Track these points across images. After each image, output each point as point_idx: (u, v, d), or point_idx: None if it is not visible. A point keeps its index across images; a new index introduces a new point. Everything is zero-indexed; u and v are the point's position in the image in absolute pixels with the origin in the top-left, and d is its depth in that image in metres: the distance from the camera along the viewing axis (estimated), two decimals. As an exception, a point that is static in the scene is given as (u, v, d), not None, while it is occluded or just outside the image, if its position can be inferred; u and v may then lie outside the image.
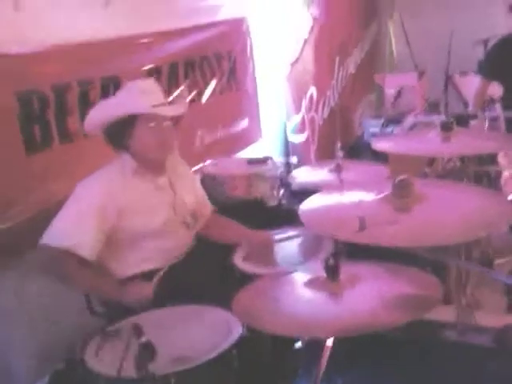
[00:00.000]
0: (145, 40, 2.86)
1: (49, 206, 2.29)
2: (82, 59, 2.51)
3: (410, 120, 2.28)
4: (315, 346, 1.62)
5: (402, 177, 1.34)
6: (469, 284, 2.75)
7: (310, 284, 1.45)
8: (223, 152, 3.42)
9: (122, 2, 2.65)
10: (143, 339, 1.24)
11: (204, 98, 3.35)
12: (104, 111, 2.09)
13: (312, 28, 4.53)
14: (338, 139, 2.28)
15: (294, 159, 4.14)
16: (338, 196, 1.55)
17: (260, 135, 3.97)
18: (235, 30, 3.66)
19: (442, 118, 2.04)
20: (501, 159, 3.43)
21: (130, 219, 2.05)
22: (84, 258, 1.96)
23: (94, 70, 2.56)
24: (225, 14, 3.53)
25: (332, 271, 1.41)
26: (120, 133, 2.08)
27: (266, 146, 4.04)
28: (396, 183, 1.34)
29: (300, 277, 1.53)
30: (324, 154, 4.43)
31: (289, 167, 3.01)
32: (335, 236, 1.51)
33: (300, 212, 1.48)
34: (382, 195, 1.37)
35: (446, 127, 1.85)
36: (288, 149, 4.25)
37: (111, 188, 2.04)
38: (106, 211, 2.00)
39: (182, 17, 3.13)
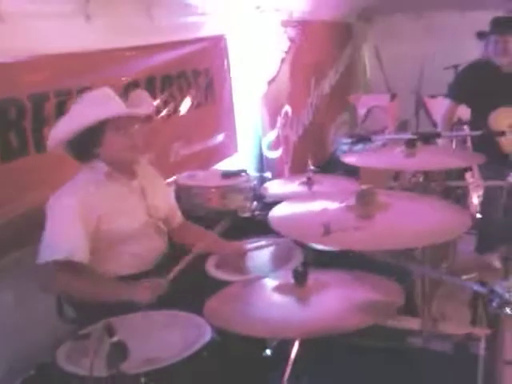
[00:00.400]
0: (123, 53, 2.92)
1: (22, 214, 2.32)
2: (61, 70, 2.55)
3: (379, 138, 2.38)
4: (283, 352, 1.66)
5: (365, 186, 1.42)
6: (434, 298, 2.84)
7: (279, 289, 1.51)
8: (199, 165, 3.47)
9: (103, 16, 2.71)
10: (115, 338, 1.27)
11: (180, 112, 3.41)
12: (69, 124, 2.08)
13: (289, 48, 4.64)
14: (310, 154, 2.35)
15: (268, 174, 4.21)
16: (304, 204, 1.61)
17: (236, 149, 4.04)
18: (213, 47, 3.74)
19: (408, 136, 2.15)
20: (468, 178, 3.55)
21: (109, 223, 2.08)
22: (81, 263, 1.99)
23: (72, 81, 2.59)
24: (204, 32, 3.61)
25: (300, 277, 1.47)
26: (87, 143, 2.11)
27: (242, 161, 4.11)
28: (359, 192, 1.42)
29: (270, 283, 1.59)
30: (298, 171, 4.52)
31: (263, 180, 3.07)
32: (302, 240, 1.58)
33: (269, 218, 1.54)
34: (345, 203, 1.45)
35: (410, 144, 1.95)
36: (263, 164, 4.33)
37: (87, 195, 2.08)
38: (87, 217, 2.04)
39: (161, 32, 3.20)
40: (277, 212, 1.57)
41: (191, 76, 3.50)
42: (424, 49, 5.94)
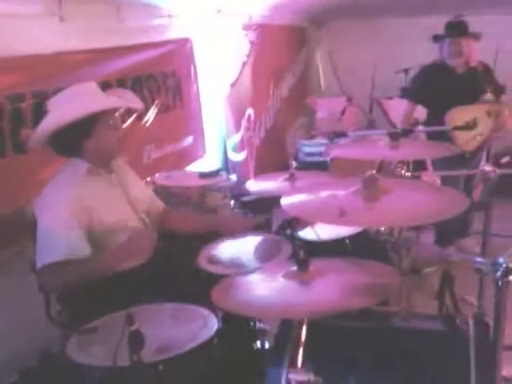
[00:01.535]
0: (95, 54, 2.92)
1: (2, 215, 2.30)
2: (37, 71, 2.53)
3: (355, 133, 2.50)
4: (283, 340, 1.72)
5: (369, 173, 1.51)
6: (403, 289, 2.96)
7: (281, 275, 1.57)
8: (169, 168, 3.48)
9: (76, 18, 2.70)
10: (134, 327, 1.30)
11: (151, 115, 3.42)
12: (61, 116, 2.06)
13: (250, 51, 4.73)
14: (291, 153, 2.42)
15: (233, 177, 4.27)
16: (310, 194, 1.69)
17: (204, 152, 4.08)
18: (180, 50, 3.77)
19: (384, 131, 2.27)
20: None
21: (98, 217, 2.09)
22: (85, 256, 1.99)
23: (48, 82, 2.58)
24: (170, 34, 3.64)
25: (302, 262, 1.54)
26: (76, 135, 2.10)
27: (208, 163, 4.15)
28: (365, 178, 1.51)
29: (271, 270, 1.65)
30: (262, 172, 4.59)
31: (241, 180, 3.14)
32: (322, 221, 1.67)
33: (283, 206, 1.61)
34: (352, 189, 1.53)
35: (394, 137, 2.07)
36: (228, 166, 4.38)
37: (74, 192, 2.07)
38: (78, 213, 2.03)
39: (130, 34, 3.21)
40: (287, 200, 1.64)
41: (160, 78, 3.53)
42: (375, 53, 6.14)
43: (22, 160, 2.45)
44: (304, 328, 1.51)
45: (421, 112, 4.13)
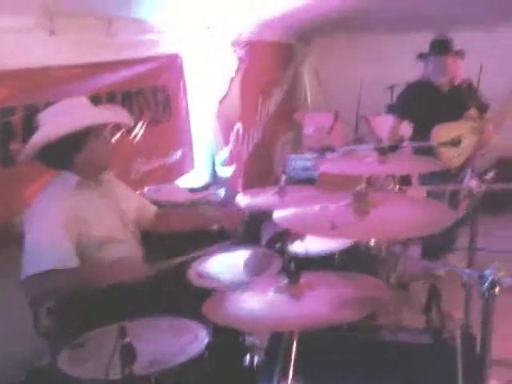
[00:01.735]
0: (86, 69, 2.93)
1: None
2: (28, 84, 2.54)
3: (343, 148, 2.55)
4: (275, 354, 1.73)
5: (359, 187, 1.54)
6: (391, 303, 2.99)
7: (272, 289, 1.58)
8: (158, 182, 3.50)
9: (66, 32, 2.72)
10: (126, 340, 1.30)
11: (140, 129, 3.44)
12: (53, 130, 2.07)
13: (238, 68, 4.77)
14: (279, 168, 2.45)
15: (221, 191, 4.28)
16: (302, 208, 1.71)
17: (192, 166, 4.10)
18: (170, 65, 3.80)
19: (371, 146, 2.32)
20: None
21: (87, 229, 2.10)
22: (73, 268, 1.98)
23: (38, 96, 2.59)
24: (160, 49, 3.67)
25: (292, 275, 1.56)
26: (67, 148, 2.12)
27: (197, 177, 4.16)
28: (355, 192, 1.54)
29: (261, 284, 1.66)
30: (250, 186, 4.62)
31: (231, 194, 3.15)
32: (313, 234, 1.69)
33: (275, 219, 1.63)
34: (343, 203, 1.56)
35: (382, 151, 2.11)
36: (216, 180, 4.40)
37: (64, 204, 2.09)
38: (68, 225, 2.04)
39: (121, 49, 3.24)
40: (280, 214, 1.66)
41: (149, 93, 3.55)
42: (362, 70, 6.22)
43: (9, 173, 2.44)
44: (294, 342, 1.52)
45: (407, 128, 4.20)
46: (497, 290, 1.33)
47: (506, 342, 2.99)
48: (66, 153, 2.13)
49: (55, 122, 2.10)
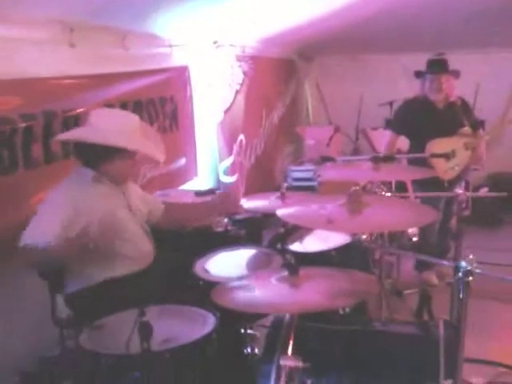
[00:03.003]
0: (101, 79, 3.12)
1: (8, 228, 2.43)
2: (48, 93, 2.72)
3: (342, 158, 2.73)
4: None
5: (353, 188, 1.72)
6: (383, 309, 3.15)
7: (274, 279, 1.76)
8: (163, 187, 3.66)
9: (85, 44, 2.91)
10: (144, 319, 1.47)
11: (149, 137, 3.61)
12: (91, 133, 2.27)
13: (243, 81, 4.97)
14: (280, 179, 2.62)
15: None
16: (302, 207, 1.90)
17: (196, 174, 4.27)
18: (178, 77, 4.00)
19: (368, 157, 2.50)
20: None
21: (99, 222, 2.23)
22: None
23: (57, 103, 2.77)
24: (170, 62, 3.87)
25: (293, 268, 1.73)
26: (97, 156, 2.31)
27: (200, 185, 4.33)
28: (350, 192, 1.71)
29: (264, 276, 1.84)
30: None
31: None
32: (312, 227, 1.86)
33: (280, 215, 1.81)
34: (339, 202, 1.74)
35: (376, 160, 2.29)
36: (219, 189, 4.56)
37: (78, 195, 2.25)
38: (74, 215, 2.19)
39: (134, 61, 3.43)
40: (282, 211, 1.84)
41: (158, 103, 3.73)
42: (361, 86, 6.42)
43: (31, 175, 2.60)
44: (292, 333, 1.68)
45: (404, 143, 4.37)
46: (470, 278, 1.50)
47: (491, 342, 3.18)
48: (97, 158, 2.32)
49: (100, 127, 2.29)
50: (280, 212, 1.80)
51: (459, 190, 2.41)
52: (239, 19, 4.13)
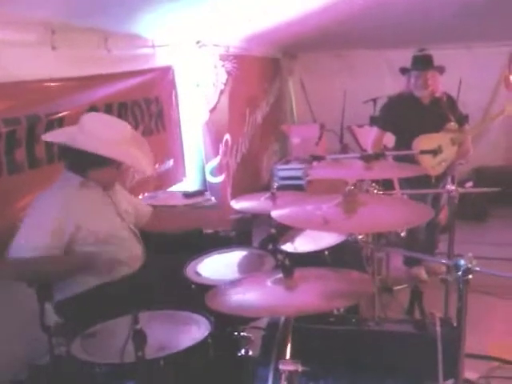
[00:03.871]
0: (85, 81, 3.07)
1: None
2: (31, 96, 2.67)
3: (332, 156, 2.72)
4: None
5: (349, 188, 1.70)
6: (376, 306, 3.14)
7: (269, 282, 1.73)
8: (151, 189, 3.63)
9: (67, 46, 2.86)
10: (138, 327, 1.44)
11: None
12: (80, 141, 2.23)
13: (227, 80, 4.94)
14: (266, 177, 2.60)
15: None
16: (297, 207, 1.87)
17: (184, 175, 4.23)
18: (163, 78, 3.95)
19: (357, 155, 2.49)
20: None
21: (88, 226, 2.23)
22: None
23: (41, 107, 2.71)
24: (154, 63, 3.82)
25: (287, 270, 1.70)
26: (87, 162, 2.29)
27: (188, 186, 4.30)
28: (346, 192, 1.69)
29: (259, 278, 1.81)
30: (239, 195, 4.75)
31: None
32: (308, 228, 1.84)
33: (274, 216, 1.78)
34: (334, 202, 1.72)
35: (368, 159, 2.27)
36: (206, 189, 4.53)
37: (65, 203, 2.23)
38: (62, 223, 2.17)
39: (117, 63, 3.38)
40: (278, 212, 1.81)
41: (144, 104, 3.69)
42: (345, 83, 6.41)
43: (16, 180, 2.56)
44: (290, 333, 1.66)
45: (390, 139, 4.37)
46: (470, 276, 1.49)
47: (486, 338, 3.19)
48: (86, 164, 2.30)
49: (90, 135, 2.25)
50: (274, 213, 1.77)
51: (451, 187, 2.40)
52: (222, 19, 4.10)
